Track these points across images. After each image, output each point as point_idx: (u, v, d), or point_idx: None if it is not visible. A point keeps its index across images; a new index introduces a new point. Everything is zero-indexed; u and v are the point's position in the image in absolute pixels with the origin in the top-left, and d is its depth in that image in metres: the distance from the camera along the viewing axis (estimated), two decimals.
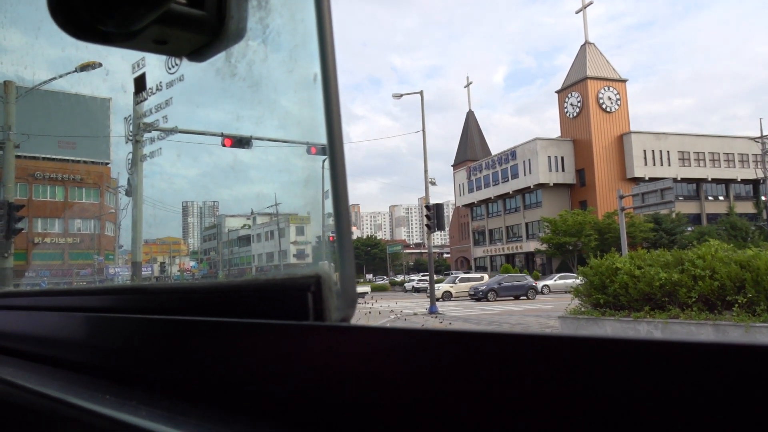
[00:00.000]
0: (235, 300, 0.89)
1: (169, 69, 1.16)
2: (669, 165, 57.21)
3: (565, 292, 38.25)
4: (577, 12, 60.44)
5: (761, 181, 45.93)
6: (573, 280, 39.51)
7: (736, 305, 10.69)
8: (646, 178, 50.99)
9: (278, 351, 0.71)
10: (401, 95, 28.48)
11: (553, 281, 40.24)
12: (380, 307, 22.14)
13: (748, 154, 58.59)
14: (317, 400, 0.65)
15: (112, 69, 1.34)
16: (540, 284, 39.26)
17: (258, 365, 0.74)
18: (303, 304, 0.75)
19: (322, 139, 0.76)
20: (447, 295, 35.96)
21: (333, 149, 0.74)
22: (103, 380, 0.99)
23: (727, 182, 60.09)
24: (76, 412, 0.84)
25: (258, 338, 0.75)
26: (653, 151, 57.57)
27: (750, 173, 57.51)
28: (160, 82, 1.24)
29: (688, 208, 57.41)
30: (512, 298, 33.07)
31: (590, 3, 59.63)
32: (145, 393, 0.85)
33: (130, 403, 0.79)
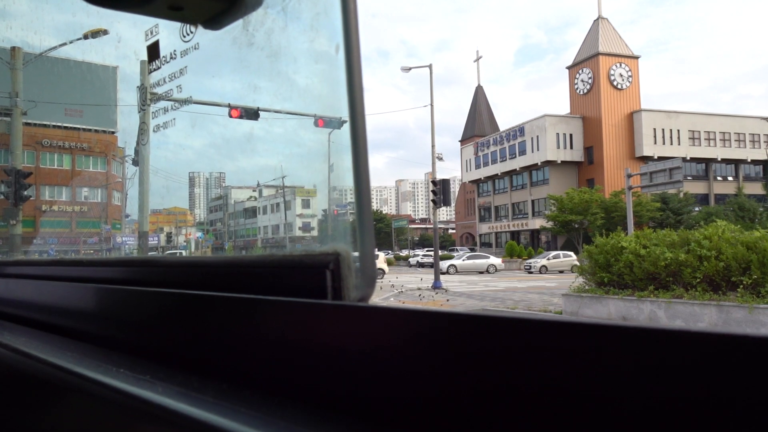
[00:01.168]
0: (251, 275, 0.88)
1: (184, 37, 1.12)
2: (679, 144, 56.61)
3: (480, 273, 36.86)
4: None
5: None
6: (484, 260, 38.57)
7: (741, 286, 10.69)
8: (655, 157, 50.56)
9: (295, 330, 0.70)
10: (410, 68, 28.10)
11: (462, 261, 38.86)
12: (384, 282, 22.26)
13: (759, 134, 57.91)
14: (334, 382, 0.64)
15: (125, 36, 1.31)
16: (447, 264, 37.82)
17: (274, 343, 0.73)
18: (321, 282, 0.73)
19: (343, 112, 0.74)
20: None
21: (355, 125, 0.72)
22: (117, 353, 0.99)
23: (736, 162, 59.48)
24: (89, 384, 0.84)
25: (275, 316, 0.74)
26: (663, 129, 56.93)
27: (761, 154, 56.95)
28: (174, 51, 1.21)
29: (697, 188, 56.98)
30: None
31: None
32: (160, 368, 0.84)
33: (144, 378, 0.79)
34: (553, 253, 41.45)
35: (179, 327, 0.91)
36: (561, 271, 37.46)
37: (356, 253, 0.74)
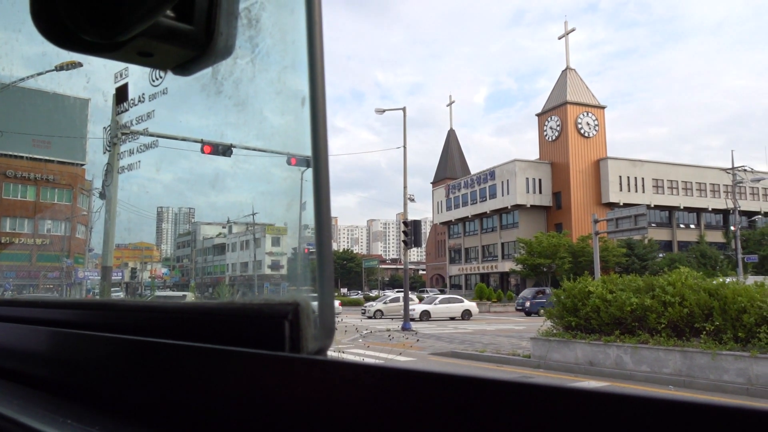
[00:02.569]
0: (209, 323, 0.86)
1: (153, 81, 1.13)
2: (643, 191, 58.32)
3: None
4: (559, 38, 61.81)
5: (731, 212, 47.10)
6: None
7: (704, 332, 10.88)
8: (621, 204, 51.95)
9: (251, 382, 0.69)
10: (384, 111, 28.59)
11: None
12: (354, 323, 21.97)
13: (719, 185, 60.08)
14: None
15: (94, 76, 1.31)
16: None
17: (229, 395, 0.71)
18: (279, 333, 0.72)
19: (309, 163, 0.75)
20: None
21: (318, 175, 0.72)
22: (65, 401, 0.95)
23: (698, 211, 61.44)
24: None
25: (231, 367, 0.72)
26: (628, 177, 58.68)
27: (720, 203, 58.94)
28: (143, 94, 1.21)
29: (660, 234, 58.47)
30: None
31: (572, 30, 61.00)
32: (108, 418, 0.81)
33: (92, 430, 0.76)
34: (392, 296, 38.86)
35: (131, 375, 0.88)
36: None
37: (316, 303, 0.74)
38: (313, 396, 0.62)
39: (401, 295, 39.42)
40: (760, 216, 58.62)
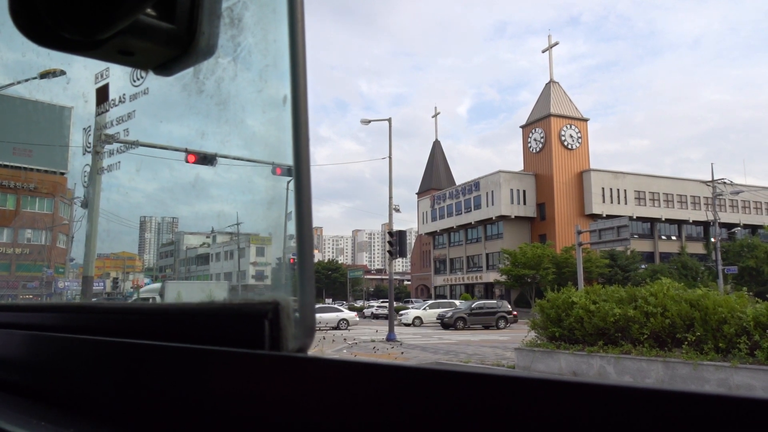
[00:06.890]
0: (188, 324, 0.85)
1: (134, 81, 1.12)
2: (626, 203, 59.00)
3: None
4: (543, 51, 62.58)
5: (711, 224, 47.80)
6: None
7: (686, 343, 10.99)
8: (604, 215, 52.47)
9: (231, 381, 0.68)
10: (369, 121, 28.66)
11: None
12: (337, 333, 21.85)
13: (699, 197, 61.00)
14: None
15: (74, 77, 1.29)
16: None
17: (209, 395, 0.70)
18: (259, 332, 0.72)
19: (289, 160, 0.74)
20: None
21: (299, 173, 0.72)
22: (40, 404, 0.93)
23: (679, 222, 62.26)
24: None
25: (210, 366, 0.71)
26: (611, 189, 59.35)
27: (701, 215, 59.82)
28: (124, 94, 1.20)
29: (643, 246, 59.11)
30: None
31: (556, 43, 61.84)
32: (85, 421, 0.80)
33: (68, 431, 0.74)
34: (430, 302, 38.65)
35: (108, 377, 0.86)
36: None
37: (296, 301, 0.73)
38: (294, 393, 0.61)
39: (441, 301, 39.16)
40: (739, 228, 59.55)
